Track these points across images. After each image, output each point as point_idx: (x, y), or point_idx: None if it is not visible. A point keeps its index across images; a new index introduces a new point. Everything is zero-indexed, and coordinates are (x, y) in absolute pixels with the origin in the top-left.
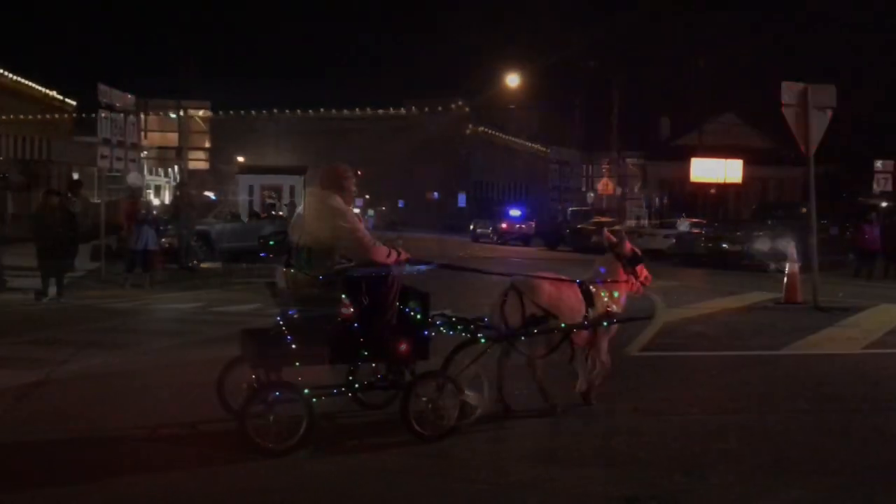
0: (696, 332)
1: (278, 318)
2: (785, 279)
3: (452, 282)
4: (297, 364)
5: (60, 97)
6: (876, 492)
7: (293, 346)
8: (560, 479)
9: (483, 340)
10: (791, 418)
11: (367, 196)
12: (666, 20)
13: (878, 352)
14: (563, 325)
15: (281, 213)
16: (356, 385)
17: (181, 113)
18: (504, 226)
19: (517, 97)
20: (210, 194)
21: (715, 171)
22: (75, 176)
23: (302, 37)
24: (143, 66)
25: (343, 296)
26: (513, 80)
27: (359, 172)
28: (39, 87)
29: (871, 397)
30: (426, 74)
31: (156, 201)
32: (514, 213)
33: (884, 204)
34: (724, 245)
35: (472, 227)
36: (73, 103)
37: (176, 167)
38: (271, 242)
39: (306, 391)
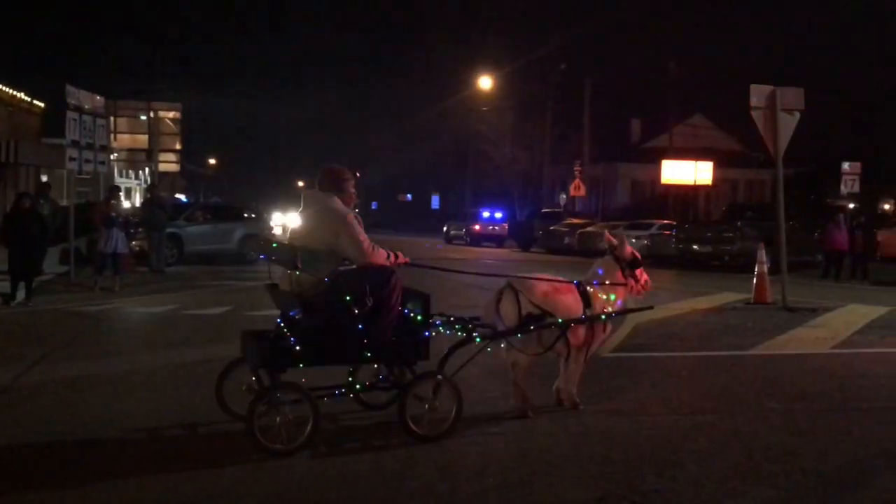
0: (667, 332)
1: (279, 321)
2: (754, 280)
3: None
4: (301, 365)
5: (28, 98)
6: (844, 491)
7: (297, 347)
8: (533, 482)
9: (479, 340)
10: (760, 418)
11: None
12: (637, 23)
13: (846, 351)
14: (559, 320)
15: (253, 215)
16: (357, 386)
17: (151, 115)
18: (477, 227)
19: (489, 99)
20: (182, 196)
21: (685, 173)
22: (44, 178)
23: (280, 41)
24: (113, 67)
25: (348, 297)
26: (485, 82)
27: (357, 174)
28: (7, 89)
29: (838, 397)
30: (404, 75)
31: (126, 203)
32: (491, 214)
33: (851, 205)
34: (695, 247)
35: (445, 228)
36: (42, 105)
37: (147, 169)
38: (274, 245)
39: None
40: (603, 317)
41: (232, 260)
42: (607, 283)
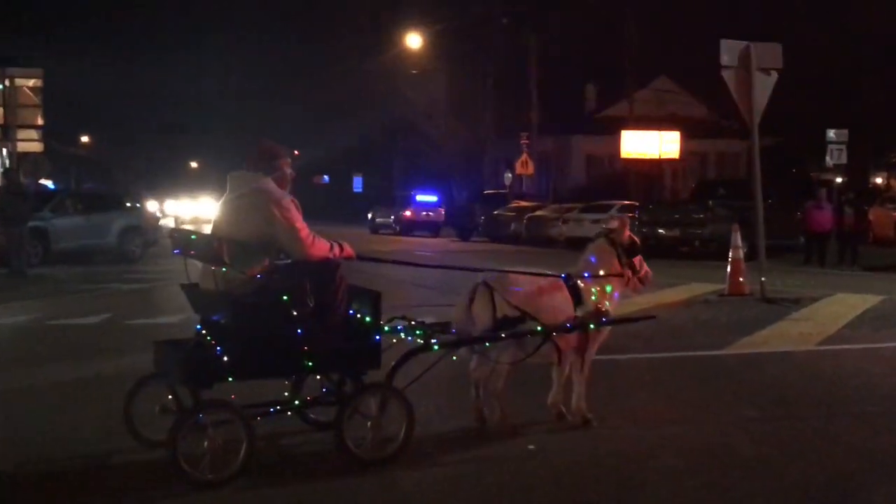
0: (628, 331)
1: (199, 327)
2: (728, 268)
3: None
4: (230, 379)
5: None
6: None
7: (225, 357)
8: None
9: (436, 347)
10: (736, 429)
11: None
12: None
13: (834, 348)
14: (539, 327)
15: (137, 204)
16: (297, 401)
17: (6, 83)
18: (408, 214)
19: (419, 61)
20: (48, 182)
21: (648, 145)
22: None
23: None
24: None
25: (284, 297)
26: (414, 40)
27: (295, 153)
28: None
29: (825, 401)
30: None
31: None
32: (424, 198)
33: (839, 179)
34: (661, 230)
35: (370, 215)
36: None
37: (3, 150)
38: (192, 237)
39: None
40: (592, 326)
41: (110, 258)
42: (601, 273)
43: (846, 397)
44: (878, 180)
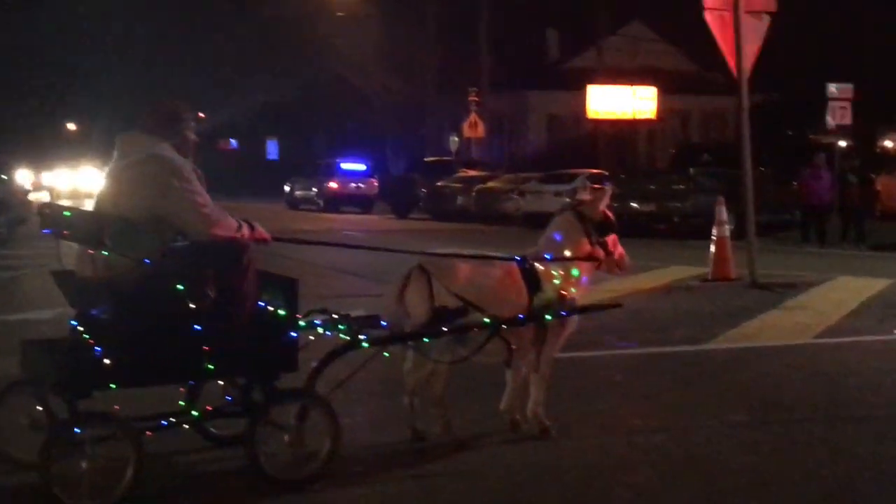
0: (598, 323)
1: (74, 323)
2: (712, 248)
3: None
4: (113, 386)
5: None
6: None
7: (106, 360)
8: None
9: (366, 344)
10: (723, 436)
11: None
12: None
13: (835, 341)
14: (486, 319)
15: (2, 175)
16: (194, 412)
17: None
18: (334, 186)
19: (347, 2)
20: None
21: (620, 102)
22: None
23: None
24: None
25: (180, 286)
26: None
27: (200, 115)
28: None
29: (825, 403)
30: None
31: None
32: (353, 167)
33: (841, 143)
34: (634, 204)
35: (288, 188)
36: None
37: None
38: (66, 213)
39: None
40: (548, 316)
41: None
42: (567, 253)
43: (848, 398)
44: (888, 143)
